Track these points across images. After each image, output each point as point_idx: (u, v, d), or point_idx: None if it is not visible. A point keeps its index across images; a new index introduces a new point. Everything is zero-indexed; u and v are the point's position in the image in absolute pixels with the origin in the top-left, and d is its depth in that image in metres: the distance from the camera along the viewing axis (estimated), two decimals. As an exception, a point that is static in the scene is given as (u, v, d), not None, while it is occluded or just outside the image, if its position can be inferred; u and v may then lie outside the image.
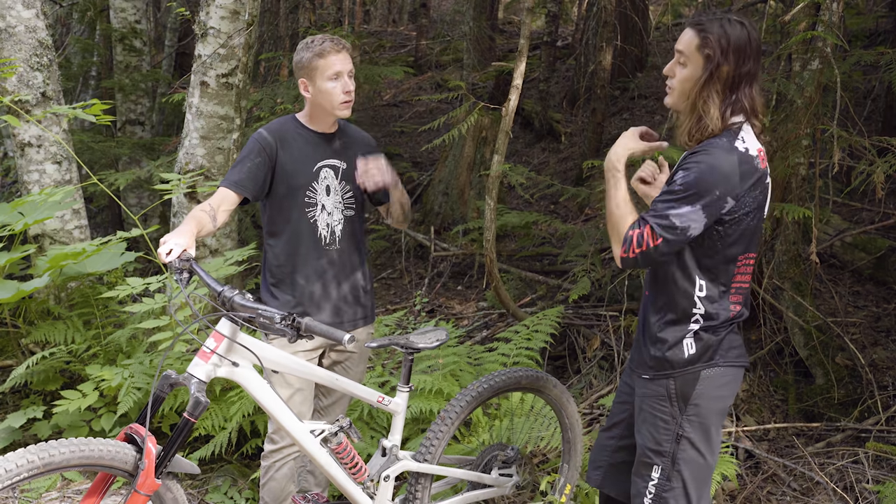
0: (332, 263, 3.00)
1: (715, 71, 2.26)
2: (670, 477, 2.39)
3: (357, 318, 3.08)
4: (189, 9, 5.95)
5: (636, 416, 2.48)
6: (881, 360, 4.62)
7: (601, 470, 2.65)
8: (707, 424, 2.38)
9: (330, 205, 2.99)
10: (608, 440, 2.65)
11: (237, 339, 2.43)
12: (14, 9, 4.75)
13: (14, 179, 6.28)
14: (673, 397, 2.37)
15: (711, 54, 2.26)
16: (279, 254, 2.98)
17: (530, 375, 3.06)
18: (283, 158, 2.92)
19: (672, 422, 2.37)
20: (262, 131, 2.95)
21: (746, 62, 2.27)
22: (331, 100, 2.90)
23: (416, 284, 6.30)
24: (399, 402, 2.84)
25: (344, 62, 2.90)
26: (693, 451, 2.38)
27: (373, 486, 2.79)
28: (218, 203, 2.81)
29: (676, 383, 2.36)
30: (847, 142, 4.07)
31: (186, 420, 2.35)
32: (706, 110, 2.28)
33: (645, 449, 2.42)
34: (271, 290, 3.01)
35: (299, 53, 2.93)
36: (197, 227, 2.65)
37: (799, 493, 3.74)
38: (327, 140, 3.01)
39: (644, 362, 2.45)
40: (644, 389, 2.44)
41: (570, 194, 5.58)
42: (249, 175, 2.87)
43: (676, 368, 2.35)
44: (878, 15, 6.61)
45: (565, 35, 12.39)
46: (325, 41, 2.89)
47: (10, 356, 4.48)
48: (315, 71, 2.88)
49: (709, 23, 2.29)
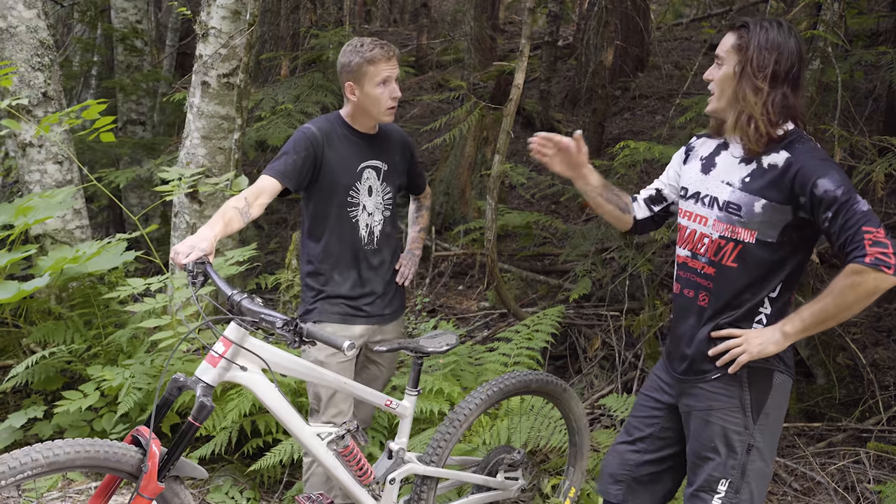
0: (369, 262, 3.06)
1: (750, 63, 2.24)
2: (739, 489, 2.34)
3: (388, 314, 3.15)
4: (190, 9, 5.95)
5: (694, 430, 2.41)
6: (882, 360, 4.61)
7: (623, 485, 2.59)
8: (775, 434, 2.38)
9: (371, 205, 3.03)
10: (630, 454, 2.58)
11: (245, 343, 2.41)
12: (15, 9, 4.75)
13: (15, 179, 6.27)
14: (747, 407, 2.33)
15: (744, 46, 2.25)
16: (319, 251, 3.03)
17: (540, 379, 3.05)
18: (329, 156, 2.94)
19: (745, 432, 2.33)
20: (311, 127, 2.97)
21: (785, 61, 2.25)
22: (378, 106, 2.93)
23: (418, 284, 6.29)
24: (407, 406, 2.84)
25: (393, 69, 2.92)
26: (761, 462, 2.35)
27: (378, 489, 2.79)
28: (256, 194, 2.78)
29: (752, 392, 2.33)
30: (848, 141, 4.06)
31: (191, 424, 2.34)
32: (745, 99, 2.25)
33: (710, 462, 2.36)
34: (308, 282, 3.08)
35: (347, 56, 2.92)
36: (223, 227, 2.63)
37: (800, 493, 3.74)
38: (370, 141, 3.05)
39: (700, 368, 2.40)
40: (711, 402, 2.37)
41: (572, 194, 5.57)
42: (294, 167, 2.88)
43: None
44: (879, 14, 6.59)
45: (566, 35, 12.38)
46: (375, 47, 2.89)
47: (10, 356, 4.48)
48: (364, 76, 2.89)
49: (748, 23, 2.29)
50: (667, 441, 2.55)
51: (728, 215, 2.33)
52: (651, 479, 2.57)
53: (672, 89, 9.47)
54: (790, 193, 2.22)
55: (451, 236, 6.72)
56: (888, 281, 2.11)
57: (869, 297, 2.14)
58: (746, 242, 2.30)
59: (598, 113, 8.12)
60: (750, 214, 2.28)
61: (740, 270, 2.32)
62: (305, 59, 8.93)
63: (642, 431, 2.58)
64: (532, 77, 9.98)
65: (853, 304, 2.16)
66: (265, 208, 2.84)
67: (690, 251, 2.44)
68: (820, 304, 2.20)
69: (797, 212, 2.25)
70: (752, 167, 2.31)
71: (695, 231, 2.43)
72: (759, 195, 2.27)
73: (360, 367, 3.19)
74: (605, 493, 2.64)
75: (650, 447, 2.56)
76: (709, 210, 2.39)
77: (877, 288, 2.12)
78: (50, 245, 4.81)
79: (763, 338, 2.27)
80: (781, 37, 2.26)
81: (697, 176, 2.47)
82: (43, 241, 4.82)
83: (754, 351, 2.27)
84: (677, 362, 2.48)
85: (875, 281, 2.11)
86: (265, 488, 3.78)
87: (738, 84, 2.27)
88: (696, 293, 2.41)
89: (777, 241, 2.28)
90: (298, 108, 6.85)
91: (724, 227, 2.34)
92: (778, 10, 4.42)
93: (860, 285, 2.12)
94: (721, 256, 2.35)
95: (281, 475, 3.81)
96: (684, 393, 2.46)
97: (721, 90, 2.34)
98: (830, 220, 2.16)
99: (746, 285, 2.32)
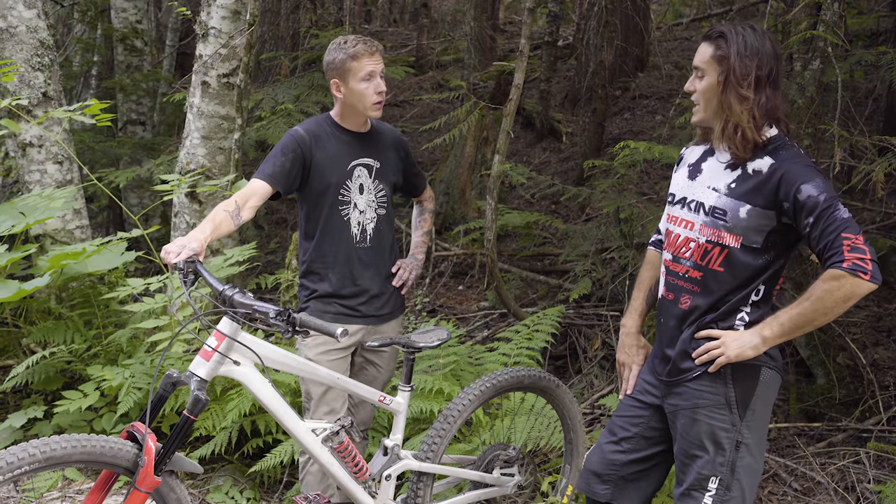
0: (363, 260, 3.06)
1: (733, 72, 2.26)
2: (730, 486, 2.35)
3: (384, 314, 3.14)
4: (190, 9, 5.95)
5: (681, 428, 2.42)
6: (882, 360, 4.61)
7: (610, 484, 2.59)
8: (763, 429, 2.39)
9: (363, 203, 3.04)
10: (615, 454, 2.59)
11: (238, 337, 2.43)
12: (15, 9, 4.75)
13: (15, 179, 6.28)
14: (732, 404, 2.35)
15: (725, 56, 2.27)
16: (313, 250, 3.04)
17: (533, 375, 3.06)
18: (317, 157, 2.97)
19: (732, 429, 2.35)
20: (299, 129, 3.00)
21: (765, 65, 2.27)
22: (363, 101, 2.94)
23: (417, 284, 6.29)
24: (400, 402, 2.85)
25: (377, 63, 2.94)
26: (750, 458, 2.36)
27: (374, 486, 2.80)
28: (246, 198, 2.82)
29: (736, 389, 2.35)
30: (848, 141, 4.06)
31: (186, 418, 2.36)
32: (731, 109, 2.27)
33: (698, 460, 2.37)
34: (303, 282, 3.11)
35: (331, 54, 2.95)
36: (212, 230, 2.66)
37: (800, 493, 3.74)
38: (361, 139, 3.06)
39: (682, 367, 2.42)
40: (697, 400, 2.38)
41: (572, 194, 5.57)
42: (283, 170, 2.91)
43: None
44: (879, 14, 6.59)
45: (566, 35, 12.38)
46: (357, 43, 2.92)
47: (11, 356, 4.49)
48: (348, 72, 2.91)
49: (724, 32, 2.30)
50: (652, 441, 2.57)
51: (714, 220, 2.36)
52: (638, 476, 2.59)
53: (672, 89, 9.47)
54: (774, 199, 2.26)
55: (451, 236, 6.72)
56: (864, 287, 2.16)
57: (845, 301, 2.18)
58: (732, 247, 2.34)
59: (598, 113, 8.11)
60: (735, 219, 2.32)
61: (726, 274, 2.36)
62: (305, 59, 8.94)
63: (628, 431, 2.59)
64: (532, 77, 9.98)
65: (831, 308, 2.19)
66: (258, 210, 2.86)
67: (673, 255, 2.48)
68: (798, 309, 2.24)
69: (781, 217, 2.28)
70: (738, 173, 2.34)
71: (679, 235, 2.47)
72: (744, 200, 2.31)
73: (358, 368, 3.19)
74: (591, 491, 2.64)
75: (636, 447, 2.58)
76: (695, 215, 2.42)
77: (853, 293, 2.16)
78: (50, 245, 4.81)
79: (741, 342, 2.30)
80: (758, 41, 2.28)
81: (684, 182, 2.50)
82: (43, 241, 4.82)
83: (731, 355, 2.30)
84: (661, 364, 2.51)
85: (852, 286, 2.15)
86: (265, 488, 3.78)
87: (723, 94, 2.29)
88: (678, 296, 2.45)
89: (762, 247, 2.32)
90: (298, 108, 6.84)
91: (710, 232, 2.37)
92: (778, 10, 4.42)
93: (837, 290, 2.16)
94: (708, 261, 2.38)
95: (281, 475, 3.81)
96: (669, 393, 2.47)
97: (706, 101, 2.36)
98: (811, 226, 2.20)
99: (731, 288, 2.36)
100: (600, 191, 5.15)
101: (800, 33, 4.37)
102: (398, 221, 6.59)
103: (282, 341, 4.08)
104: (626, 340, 2.69)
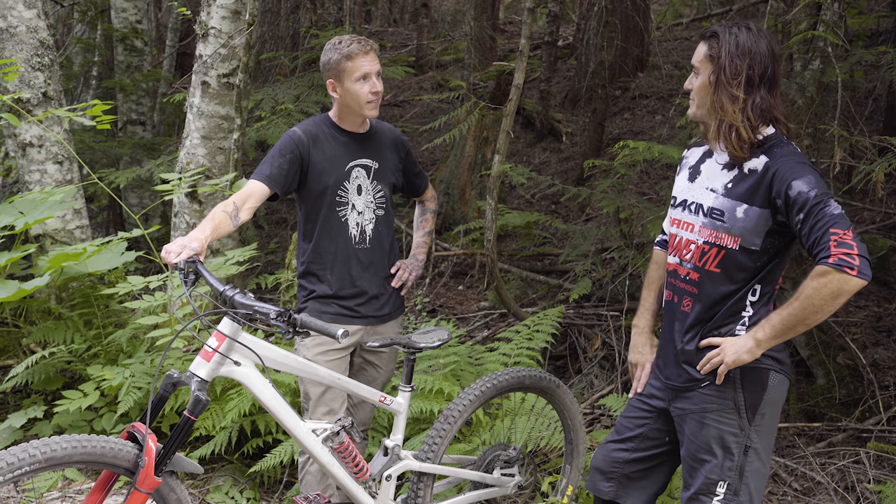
0: (362, 261, 3.06)
1: (723, 72, 2.26)
2: (738, 491, 2.35)
3: (383, 315, 3.14)
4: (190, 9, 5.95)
5: (689, 432, 2.42)
6: (882, 360, 4.61)
7: (614, 482, 2.60)
8: (771, 433, 2.38)
9: (361, 204, 3.04)
10: (619, 452, 2.60)
11: (238, 338, 2.43)
12: (15, 9, 4.75)
13: (15, 179, 6.28)
14: (741, 408, 2.35)
15: (716, 55, 2.28)
16: (311, 251, 3.04)
17: (533, 375, 3.06)
18: (315, 158, 2.97)
19: (741, 434, 2.34)
20: (297, 130, 3.01)
21: (759, 65, 2.27)
22: (358, 100, 2.94)
23: (417, 284, 6.29)
24: (401, 402, 2.85)
25: (372, 63, 2.93)
26: (759, 463, 2.36)
27: (375, 486, 2.80)
28: (244, 199, 2.83)
29: (745, 394, 2.34)
30: (848, 141, 4.06)
31: (187, 418, 2.36)
32: (723, 108, 2.27)
33: (706, 464, 2.37)
34: (301, 283, 3.11)
35: (327, 54, 2.95)
36: (212, 230, 2.66)
37: (800, 493, 3.74)
38: (359, 140, 3.06)
39: (690, 377, 2.42)
40: (705, 404, 2.38)
41: (572, 194, 5.57)
42: (280, 171, 2.91)
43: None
44: (879, 14, 6.60)
45: (566, 35, 12.38)
46: (352, 43, 2.92)
47: (10, 356, 4.49)
48: (343, 73, 2.91)
49: (717, 31, 2.31)
50: (657, 441, 2.57)
51: (712, 221, 2.36)
52: (642, 475, 2.60)
53: (672, 89, 9.47)
54: (768, 197, 2.26)
55: (451, 236, 6.72)
56: (852, 283, 2.11)
57: (834, 298, 2.14)
58: (729, 248, 2.33)
59: (598, 113, 8.12)
60: (732, 220, 2.31)
61: (723, 276, 2.35)
62: (305, 59, 8.93)
63: (632, 431, 2.60)
64: (532, 77, 9.99)
65: (820, 306, 2.16)
66: (258, 210, 2.86)
67: (678, 258, 2.48)
68: (789, 309, 2.22)
69: (776, 215, 2.27)
70: (734, 173, 2.34)
71: (682, 238, 2.47)
72: (740, 200, 2.30)
73: (357, 368, 3.19)
74: (596, 489, 2.66)
75: (640, 446, 2.58)
76: (695, 217, 2.42)
77: (840, 290, 2.12)
78: (50, 245, 4.81)
79: (737, 346, 2.29)
80: (751, 41, 2.27)
81: (685, 184, 2.51)
82: (43, 241, 4.82)
83: (729, 360, 2.29)
84: (667, 369, 2.51)
85: (839, 282, 2.11)
86: (265, 488, 3.78)
87: (715, 94, 2.30)
88: (681, 299, 2.45)
89: (760, 249, 2.32)
90: (298, 108, 6.84)
91: (708, 233, 2.37)
92: (778, 10, 4.42)
93: (825, 287, 2.13)
94: (705, 262, 2.38)
95: (281, 475, 3.81)
96: (677, 397, 2.47)
97: (700, 99, 2.37)
98: (802, 222, 2.19)
99: (729, 290, 2.36)
100: (600, 191, 5.14)
101: (800, 33, 4.37)
102: (398, 221, 6.60)
103: (281, 342, 4.08)
104: (639, 340, 2.69)
